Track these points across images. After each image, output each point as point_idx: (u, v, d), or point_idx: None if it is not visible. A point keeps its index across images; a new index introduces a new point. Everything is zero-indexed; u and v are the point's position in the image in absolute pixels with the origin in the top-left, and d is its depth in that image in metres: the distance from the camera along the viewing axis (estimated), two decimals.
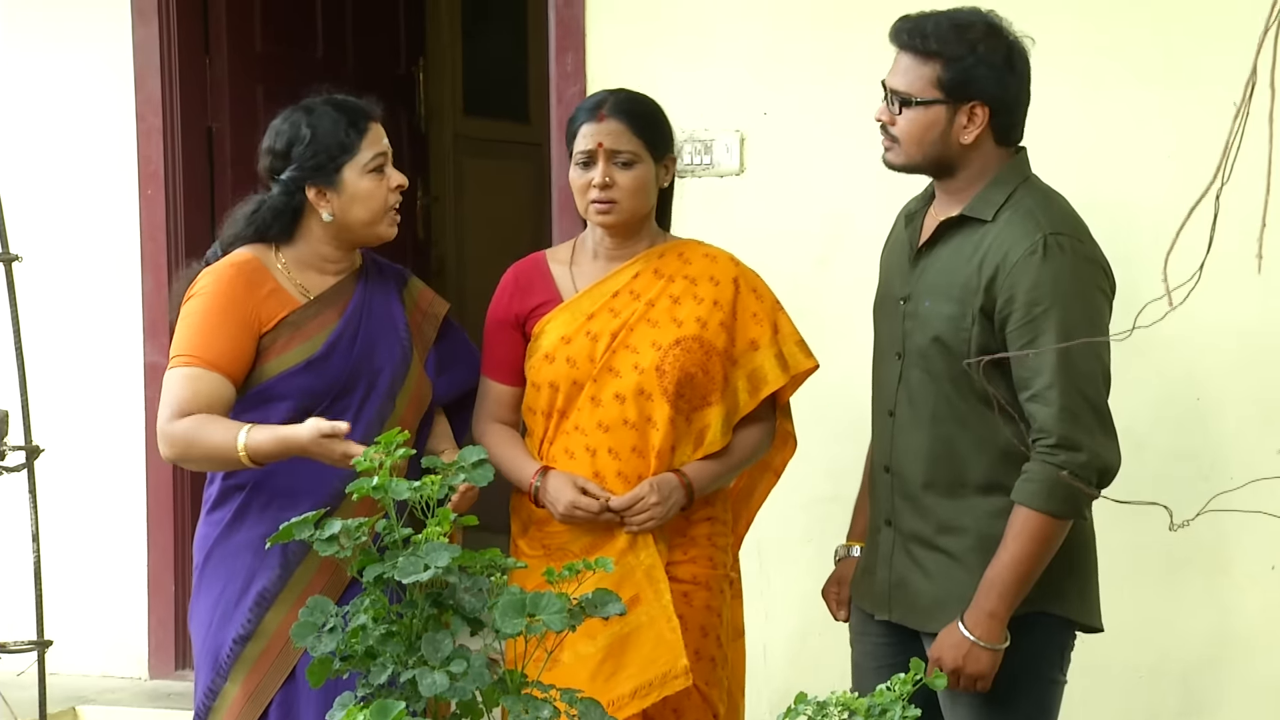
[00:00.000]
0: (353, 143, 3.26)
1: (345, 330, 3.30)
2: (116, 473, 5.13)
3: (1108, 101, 4.03)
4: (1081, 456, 2.93)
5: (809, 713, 2.17)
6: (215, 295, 3.24)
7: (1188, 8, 4.00)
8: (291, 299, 3.29)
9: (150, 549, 5.08)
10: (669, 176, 3.39)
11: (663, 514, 3.28)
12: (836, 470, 4.21)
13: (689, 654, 3.28)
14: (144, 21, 5.00)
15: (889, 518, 3.17)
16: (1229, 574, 4.06)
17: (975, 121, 3.03)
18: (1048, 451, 2.94)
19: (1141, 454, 3.98)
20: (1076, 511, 3.00)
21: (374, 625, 2.41)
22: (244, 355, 3.24)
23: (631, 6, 4.50)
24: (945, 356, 3.05)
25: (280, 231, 3.30)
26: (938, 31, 3.03)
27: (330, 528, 2.46)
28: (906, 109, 3.04)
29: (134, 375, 5.07)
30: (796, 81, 4.37)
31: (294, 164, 3.26)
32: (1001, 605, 2.96)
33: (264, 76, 5.24)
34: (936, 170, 3.10)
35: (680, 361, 3.30)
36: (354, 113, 3.30)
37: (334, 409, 3.26)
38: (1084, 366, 2.96)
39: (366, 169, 3.27)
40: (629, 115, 3.31)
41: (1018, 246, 2.96)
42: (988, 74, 3.03)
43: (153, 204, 5.02)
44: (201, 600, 3.34)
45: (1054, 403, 2.92)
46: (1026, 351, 2.93)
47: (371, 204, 3.28)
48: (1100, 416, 2.98)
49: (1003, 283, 2.97)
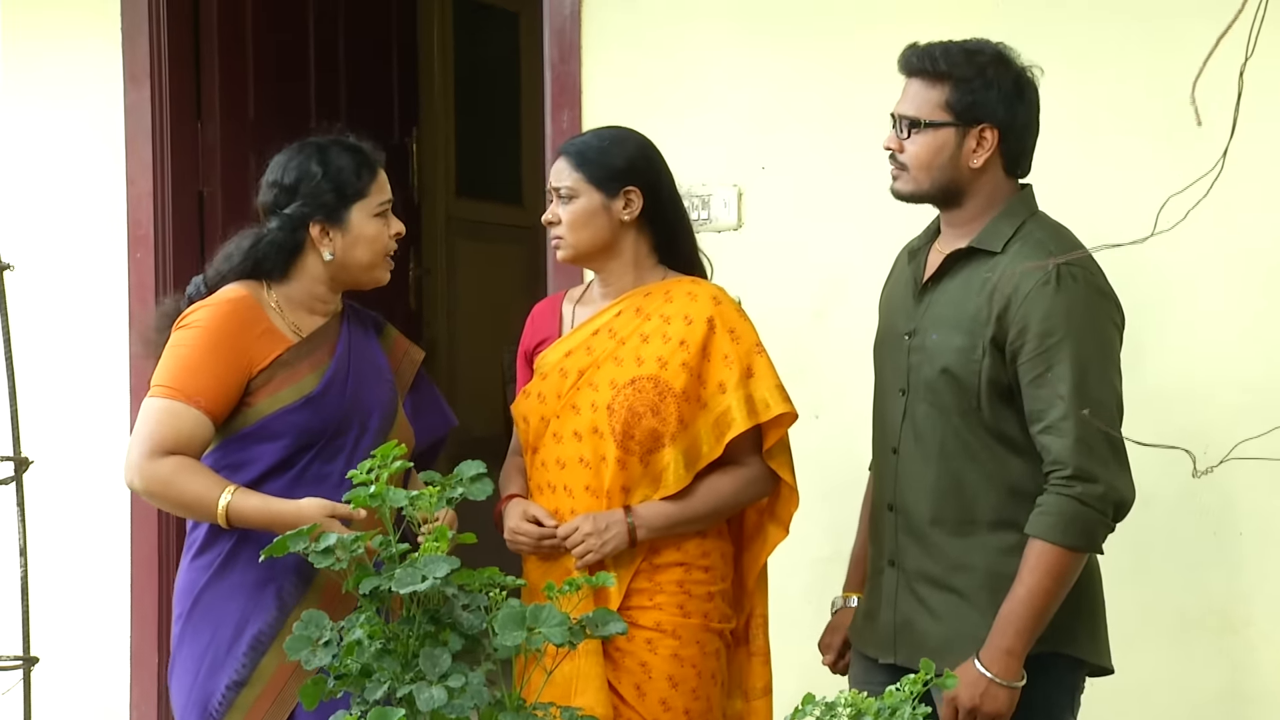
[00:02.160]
0: (365, 185, 3.27)
1: (339, 369, 3.27)
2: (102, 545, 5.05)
3: (1103, 147, 4.01)
4: (1098, 489, 2.89)
5: (817, 713, 2.10)
6: (208, 331, 3.19)
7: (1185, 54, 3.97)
8: (284, 338, 3.24)
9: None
10: (630, 210, 3.33)
11: (597, 545, 3.21)
12: (835, 528, 4.13)
13: (655, 704, 3.23)
14: (136, 85, 4.98)
15: (892, 558, 3.11)
16: (1240, 633, 3.97)
17: (984, 145, 3.01)
18: (1063, 483, 2.89)
19: (1149, 506, 3.93)
20: (1093, 544, 2.94)
21: (370, 641, 2.34)
22: (229, 395, 3.18)
23: (628, 63, 4.49)
24: (954, 389, 3.00)
25: (275, 267, 3.27)
26: (947, 55, 3.02)
27: (326, 539, 2.40)
28: (915, 132, 3.01)
29: (119, 443, 4.98)
30: (794, 136, 4.33)
31: (301, 199, 3.25)
32: (1019, 642, 2.89)
33: (256, 143, 5.19)
34: (945, 198, 3.07)
35: (629, 401, 3.25)
36: (364, 155, 3.31)
37: (329, 449, 3.22)
38: (1098, 397, 2.91)
39: (374, 212, 3.28)
40: (570, 152, 3.35)
41: (1030, 277, 2.92)
42: (997, 97, 3.02)
43: (141, 267, 4.98)
44: (186, 649, 3.24)
45: (1069, 434, 2.88)
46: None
47: (375, 247, 3.28)
48: (1115, 448, 2.92)
49: (1015, 314, 2.93)
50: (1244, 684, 3.98)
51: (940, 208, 3.11)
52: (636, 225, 3.35)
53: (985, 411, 2.97)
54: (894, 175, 3.08)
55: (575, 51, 4.50)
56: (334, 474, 3.17)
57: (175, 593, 3.30)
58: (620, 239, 3.34)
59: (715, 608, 3.34)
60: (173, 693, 3.27)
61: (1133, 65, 3.97)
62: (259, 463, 3.19)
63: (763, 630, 3.46)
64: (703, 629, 3.31)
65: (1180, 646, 3.99)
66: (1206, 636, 3.98)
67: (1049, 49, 3.24)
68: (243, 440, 3.21)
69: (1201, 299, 3.94)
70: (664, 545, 3.29)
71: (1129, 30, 4.00)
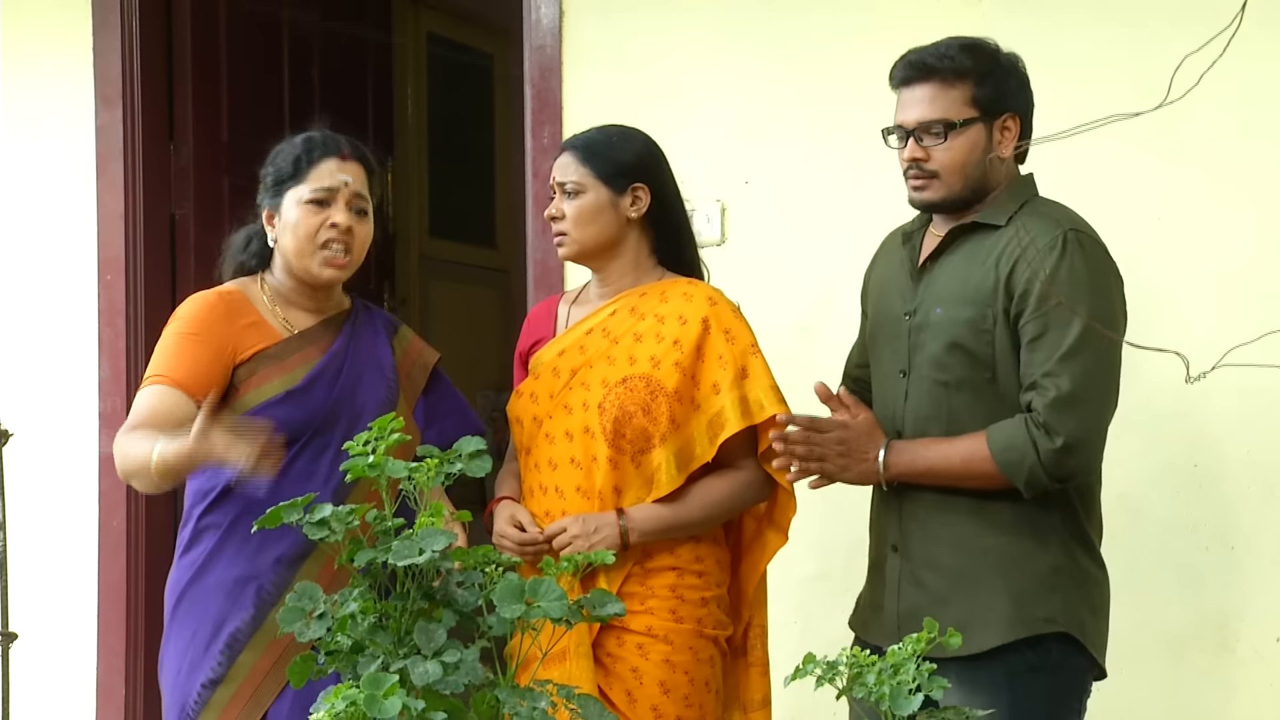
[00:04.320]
0: (300, 171, 3.22)
1: (328, 366, 3.23)
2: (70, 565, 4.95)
3: (1097, 163, 3.98)
4: (1055, 447, 2.86)
5: (819, 670, 2.03)
6: (190, 319, 3.19)
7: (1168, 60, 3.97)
8: (274, 332, 3.22)
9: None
10: (637, 207, 3.30)
11: (585, 547, 3.13)
12: (822, 548, 4.09)
13: (646, 711, 3.17)
14: (108, 106, 4.94)
15: (895, 543, 3.06)
16: (1233, 650, 3.91)
17: (1009, 135, 3.02)
18: (1031, 425, 2.88)
19: (1139, 520, 3.88)
20: (1026, 488, 2.92)
21: (363, 616, 2.27)
22: (210, 376, 3.13)
23: (608, 78, 4.46)
24: (965, 363, 2.97)
25: (255, 255, 3.28)
26: (952, 54, 3.00)
27: (320, 511, 2.32)
28: (950, 135, 2.97)
29: (89, 466, 4.90)
30: (778, 150, 4.31)
31: (261, 187, 3.27)
32: (909, 471, 2.98)
33: (230, 168, 5.16)
34: (973, 198, 3.03)
35: (620, 400, 3.20)
36: (314, 144, 3.26)
37: (313, 444, 3.18)
38: (1090, 361, 2.89)
39: (304, 199, 3.21)
40: (576, 146, 3.32)
41: (1037, 242, 2.91)
42: (1014, 84, 3.03)
43: (112, 289, 4.91)
44: (170, 648, 3.21)
45: (1049, 390, 2.86)
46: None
47: (299, 233, 3.21)
48: (1094, 412, 2.91)
49: (1020, 276, 2.90)
50: (1236, 702, 3.93)
51: (961, 210, 3.06)
52: (640, 225, 3.31)
53: (1001, 382, 2.94)
54: (919, 185, 3.03)
55: (556, 67, 4.47)
56: (320, 469, 3.13)
57: (166, 589, 3.26)
58: (624, 237, 3.31)
59: (709, 613, 3.27)
60: (162, 692, 3.23)
61: (1117, 71, 3.96)
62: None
63: (761, 641, 3.39)
64: (696, 634, 3.24)
65: (1172, 663, 3.94)
66: (1198, 653, 3.93)
67: (1033, 61, 3.21)
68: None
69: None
70: (656, 549, 3.22)
71: (1113, 37, 3.99)
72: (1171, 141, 3.93)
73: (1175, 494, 3.90)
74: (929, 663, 2.11)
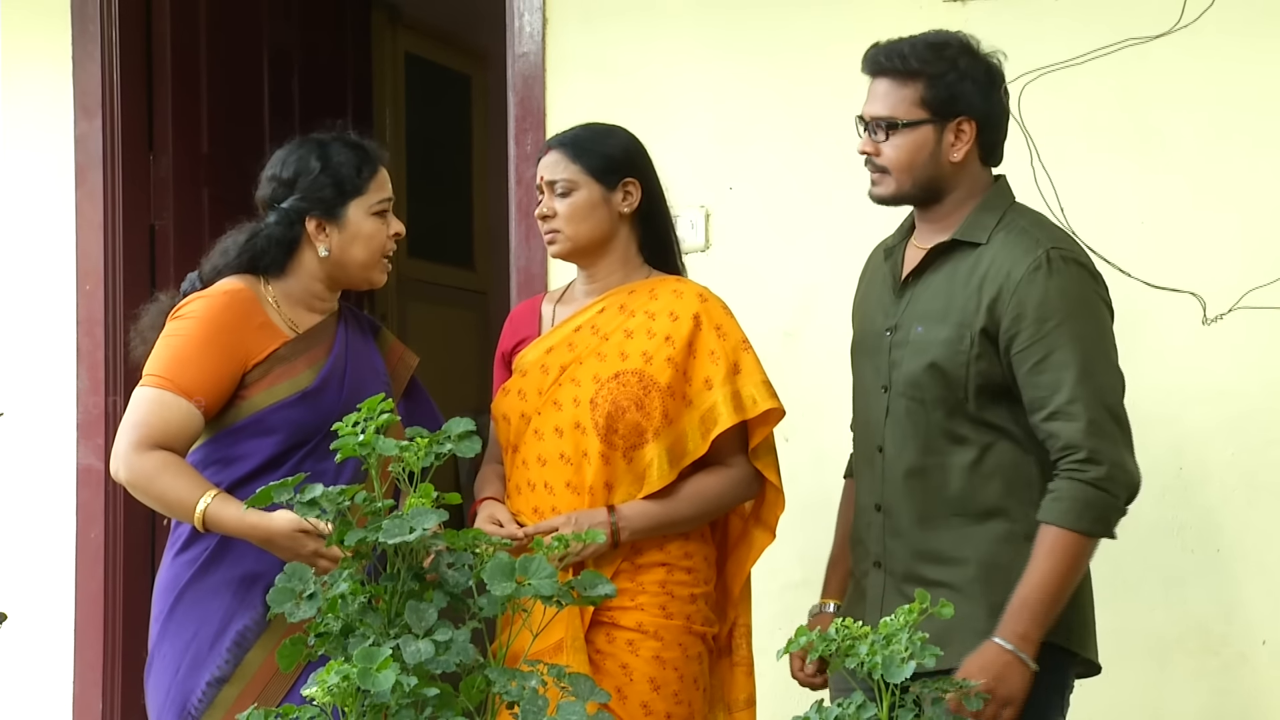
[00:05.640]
0: (364, 181, 3.21)
1: (336, 366, 3.21)
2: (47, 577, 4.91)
3: (1079, 170, 3.99)
4: (1113, 472, 2.83)
5: (813, 638, 2.02)
6: (203, 322, 3.13)
7: (1156, 81, 3.98)
8: (281, 333, 3.19)
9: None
10: (629, 202, 3.30)
11: (577, 547, 3.09)
12: (807, 554, 4.04)
13: (635, 708, 3.15)
14: (87, 115, 4.92)
15: (879, 559, 3.04)
16: (1219, 654, 3.90)
17: (963, 138, 2.98)
18: (1077, 468, 2.82)
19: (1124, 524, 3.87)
20: (1108, 529, 2.88)
21: (352, 597, 2.25)
22: (222, 388, 3.12)
23: (592, 85, 4.47)
24: (939, 383, 2.95)
25: (273, 262, 3.22)
26: (915, 51, 2.99)
27: (311, 491, 2.31)
28: (893, 134, 2.97)
29: (67, 477, 4.87)
30: (761, 156, 4.31)
31: (298, 194, 3.20)
32: (1034, 627, 2.82)
33: (210, 179, 5.14)
34: (926, 196, 3.02)
35: (613, 395, 3.19)
36: (366, 152, 3.25)
37: (323, 446, 3.09)
38: (1104, 379, 2.88)
39: (371, 210, 3.22)
40: (565, 144, 3.31)
41: (1020, 264, 2.89)
42: (971, 88, 2.98)
43: (91, 299, 4.89)
44: (166, 646, 3.15)
45: (1079, 417, 2.82)
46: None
47: (372, 245, 3.22)
48: (1124, 430, 2.88)
49: (1007, 302, 2.88)
50: (1222, 705, 3.92)
51: (921, 206, 3.06)
52: (630, 221, 3.31)
53: (971, 403, 2.92)
54: (873, 180, 3.02)
55: (539, 74, 4.47)
56: (326, 472, 3.06)
57: (156, 590, 3.22)
58: (615, 233, 3.31)
59: (698, 610, 3.26)
60: (149, 692, 3.18)
61: (1102, 79, 3.97)
62: (250, 459, 3.13)
63: (746, 641, 3.39)
64: (685, 631, 3.23)
65: (1157, 666, 3.93)
66: (1183, 656, 3.93)
67: (1018, 64, 3.21)
68: (234, 435, 3.15)
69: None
70: (646, 545, 3.22)
71: (1100, 41, 4.00)
72: (1154, 146, 3.94)
73: (1160, 497, 3.89)
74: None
